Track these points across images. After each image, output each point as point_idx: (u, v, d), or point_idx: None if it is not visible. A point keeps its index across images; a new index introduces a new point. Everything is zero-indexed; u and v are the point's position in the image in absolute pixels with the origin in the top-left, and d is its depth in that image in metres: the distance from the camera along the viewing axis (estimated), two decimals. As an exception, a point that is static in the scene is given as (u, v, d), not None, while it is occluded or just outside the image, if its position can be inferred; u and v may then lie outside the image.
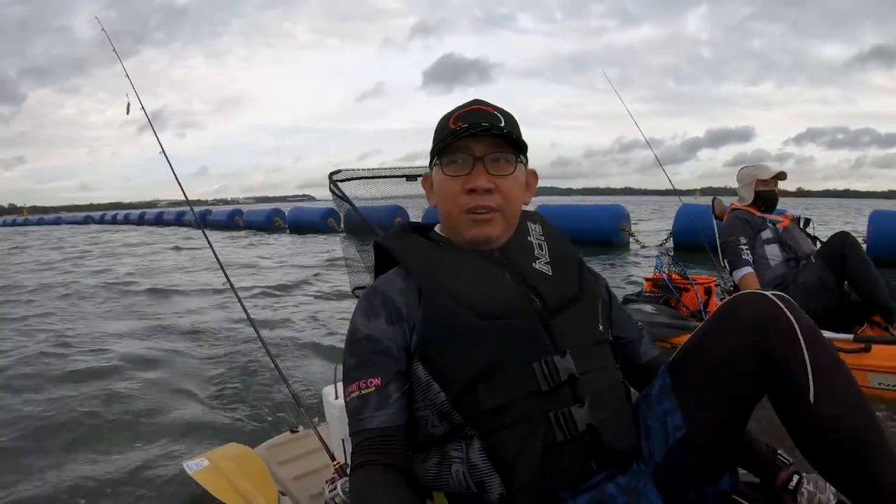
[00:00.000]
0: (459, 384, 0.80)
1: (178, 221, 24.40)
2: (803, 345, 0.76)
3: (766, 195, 2.95)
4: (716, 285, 3.43)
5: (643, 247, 8.88)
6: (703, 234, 3.47)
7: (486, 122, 0.86)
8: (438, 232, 0.97)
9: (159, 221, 27.07)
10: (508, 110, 0.92)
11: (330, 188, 1.29)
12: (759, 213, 2.92)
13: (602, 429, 0.80)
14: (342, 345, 0.89)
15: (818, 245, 2.87)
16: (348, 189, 1.35)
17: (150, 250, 12.76)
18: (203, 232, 1.70)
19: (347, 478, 1.08)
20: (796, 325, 0.77)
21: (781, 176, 2.95)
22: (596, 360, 0.86)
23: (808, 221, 3.05)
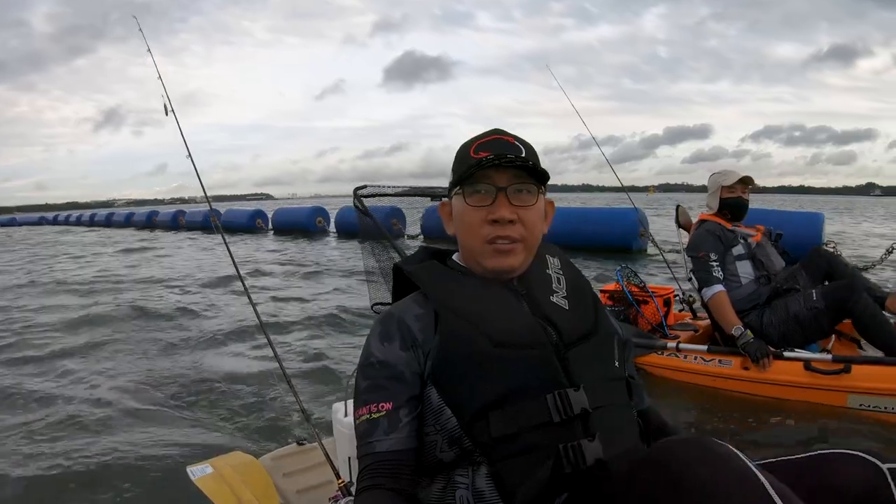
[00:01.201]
0: (472, 410, 0.80)
1: (150, 222, 22.89)
2: None
3: (732, 202, 2.74)
4: (674, 296, 3.31)
5: (662, 251, 8.69)
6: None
7: (510, 153, 0.87)
8: (456, 260, 0.98)
9: (128, 222, 25.34)
10: (527, 140, 0.92)
11: (354, 203, 1.30)
12: (730, 226, 2.74)
13: (612, 465, 0.79)
14: (355, 360, 0.90)
15: (786, 260, 2.77)
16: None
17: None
18: (223, 236, 1.72)
19: (351, 497, 1.07)
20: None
21: (747, 180, 2.74)
22: (610, 396, 0.85)
23: (779, 236, 2.89)
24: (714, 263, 2.64)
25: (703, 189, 2.90)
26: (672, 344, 2.80)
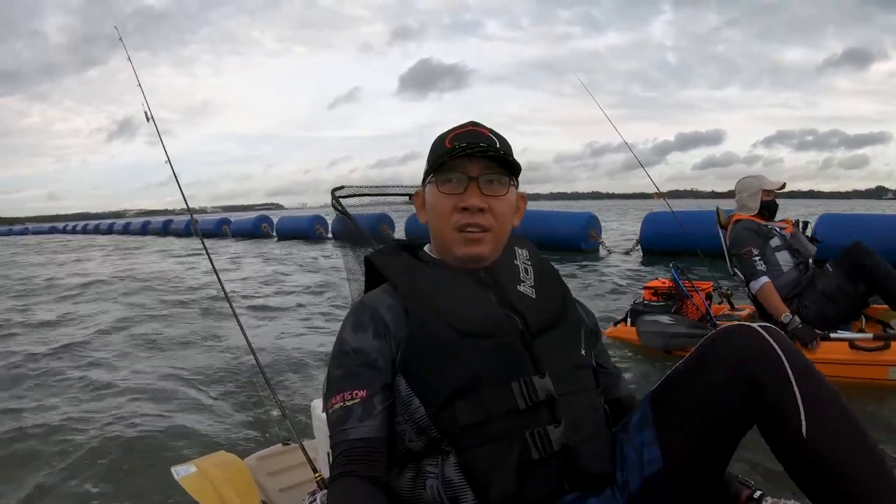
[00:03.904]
0: (438, 399, 0.81)
1: (163, 230, 24.72)
2: (793, 378, 0.74)
3: (770, 204, 3.04)
4: (714, 289, 3.59)
5: (610, 252, 9.50)
6: (667, 240, 3.63)
7: (483, 143, 0.89)
8: (427, 251, 0.99)
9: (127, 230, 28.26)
10: (502, 134, 0.94)
11: (332, 204, 1.32)
12: (763, 221, 3.00)
13: (577, 450, 0.81)
14: None
15: (815, 245, 3.04)
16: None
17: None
18: (203, 242, 1.75)
19: (327, 490, 1.08)
20: (784, 358, 0.76)
21: (783, 186, 3.08)
22: (576, 383, 0.87)
23: (806, 224, 3.17)
24: (756, 258, 2.88)
25: (711, 195, 3.17)
26: None
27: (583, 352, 0.92)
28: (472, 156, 0.88)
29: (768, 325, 0.81)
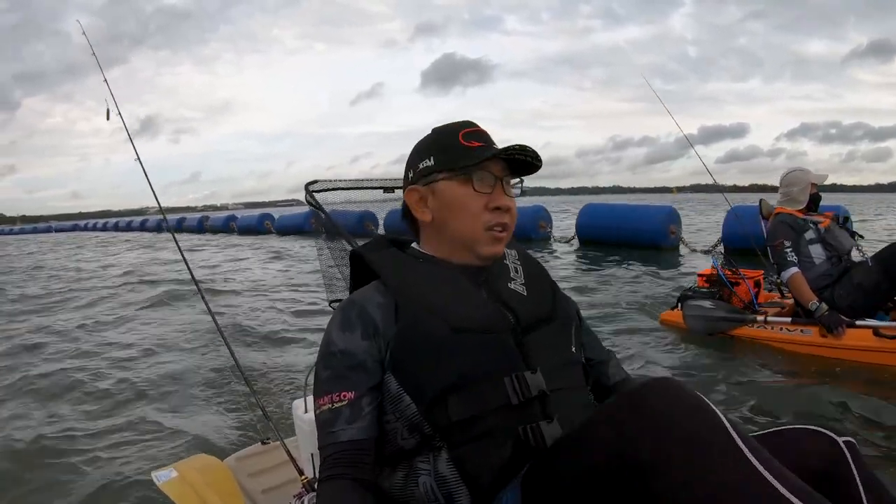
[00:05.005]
0: (431, 395, 0.81)
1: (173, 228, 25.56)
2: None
3: (815, 197, 3.21)
4: (763, 278, 3.76)
5: (693, 250, 9.23)
6: (752, 238, 3.78)
7: (514, 146, 0.90)
8: (417, 247, 0.98)
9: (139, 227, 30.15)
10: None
11: (306, 198, 1.29)
12: (801, 215, 3.16)
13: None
14: (312, 356, 0.89)
15: (857, 239, 3.17)
16: (325, 195, 1.34)
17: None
18: (174, 237, 1.72)
19: (315, 493, 1.06)
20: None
21: (826, 178, 3.29)
22: (567, 379, 0.88)
23: (846, 219, 3.33)
24: (788, 249, 3.06)
25: (732, 189, 3.29)
26: (760, 318, 3.33)
27: (573, 349, 0.93)
28: (496, 156, 0.89)
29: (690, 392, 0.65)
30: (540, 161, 0.91)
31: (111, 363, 3.63)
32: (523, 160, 0.91)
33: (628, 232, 9.85)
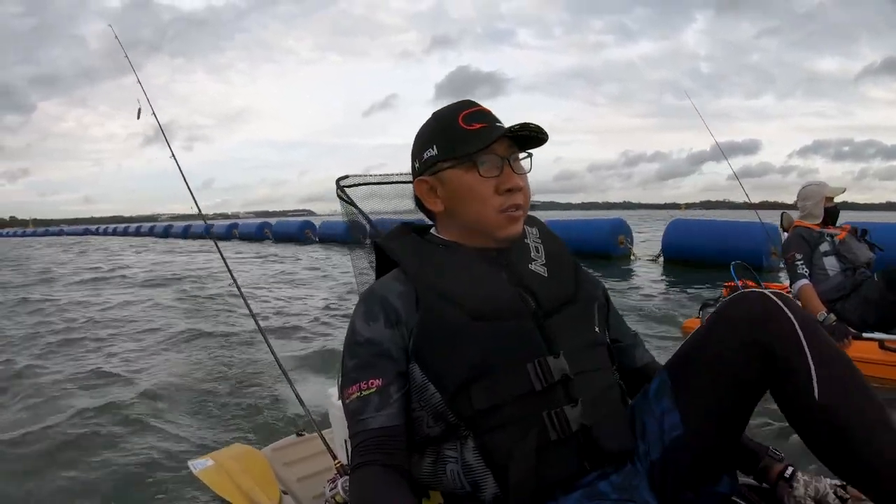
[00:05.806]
0: (453, 384, 0.80)
1: (186, 234, 26.89)
2: (803, 339, 0.76)
3: (832, 211, 3.23)
4: (787, 291, 3.69)
5: (638, 259, 9.82)
6: (689, 249, 3.80)
7: (500, 123, 0.89)
8: (436, 234, 0.97)
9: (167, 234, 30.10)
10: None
11: (337, 194, 1.30)
12: (817, 228, 3.19)
13: (595, 429, 0.81)
14: None
15: (876, 252, 3.17)
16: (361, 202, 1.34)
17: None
18: (216, 244, 1.80)
19: (348, 477, 1.08)
20: (795, 321, 0.77)
21: (843, 191, 3.31)
22: (591, 361, 0.86)
23: (864, 232, 3.28)
24: (799, 262, 3.10)
25: (743, 206, 3.34)
26: None
27: (597, 329, 0.91)
28: (507, 136, 0.87)
29: (778, 291, 0.82)
30: (545, 134, 0.89)
31: (147, 354, 3.71)
32: (528, 135, 0.88)
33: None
